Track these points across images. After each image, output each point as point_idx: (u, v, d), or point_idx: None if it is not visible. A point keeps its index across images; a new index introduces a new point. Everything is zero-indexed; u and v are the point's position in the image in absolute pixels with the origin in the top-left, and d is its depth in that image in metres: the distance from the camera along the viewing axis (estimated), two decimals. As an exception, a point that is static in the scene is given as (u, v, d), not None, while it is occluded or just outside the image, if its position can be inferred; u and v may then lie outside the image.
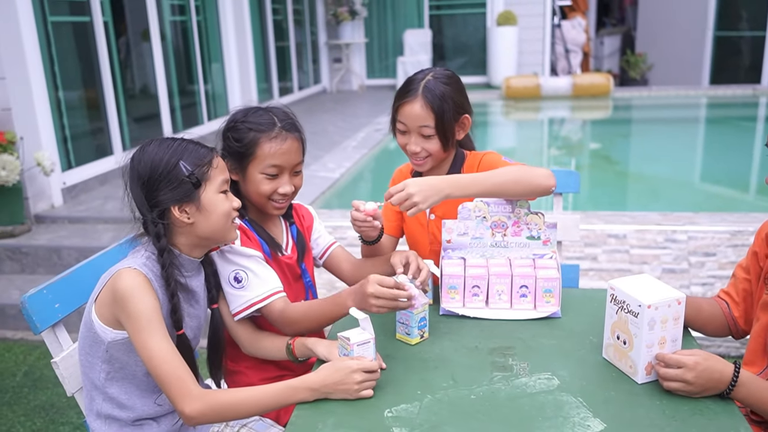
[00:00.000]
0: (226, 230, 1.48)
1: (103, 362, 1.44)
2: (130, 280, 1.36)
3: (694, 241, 3.50)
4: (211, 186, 1.44)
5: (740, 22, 11.10)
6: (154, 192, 1.40)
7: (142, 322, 1.34)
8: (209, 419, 1.34)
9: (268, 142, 1.58)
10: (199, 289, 1.54)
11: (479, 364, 1.43)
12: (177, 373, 1.34)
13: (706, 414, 1.24)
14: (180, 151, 1.42)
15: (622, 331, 1.37)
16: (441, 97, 1.71)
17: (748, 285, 1.57)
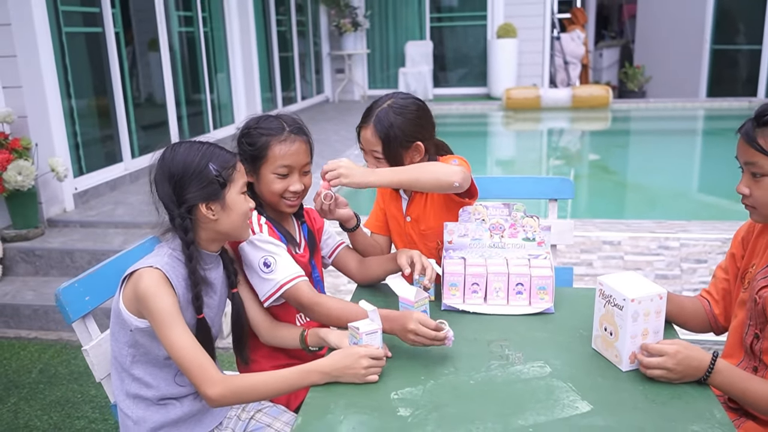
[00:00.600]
0: (243, 228, 1.62)
1: (129, 346, 1.57)
2: (150, 280, 1.48)
3: (687, 248, 3.62)
4: (235, 187, 1.57)
5: (737, 35, 11.27)
6: (185, 189, 1.53)
7: (163, 318, 1.47)
8: (230, 401, 1.46)
9: (278, 145, 1.73)
10: (216, 281, 1.67)
11: (478, 354, 1.56)
12: (198, 361, 1.46)
13: (684, 398, 1.36)
14: (209, 154, 1.55)
15: (608, 323, 1.49)
16: (389, 126, 1.85)
17: (727, 284, 1.69)
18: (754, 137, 1.40)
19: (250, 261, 1.72)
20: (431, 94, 10.87)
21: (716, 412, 1.31)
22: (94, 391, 3.02)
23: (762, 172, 1.40)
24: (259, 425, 1.70)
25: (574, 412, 1.31)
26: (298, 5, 10.11)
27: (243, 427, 1.70)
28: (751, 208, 1.47)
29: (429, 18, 11.28)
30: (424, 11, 11.24)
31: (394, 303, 1.66)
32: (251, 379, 1.49)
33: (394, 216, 2.07)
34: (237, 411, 1.73)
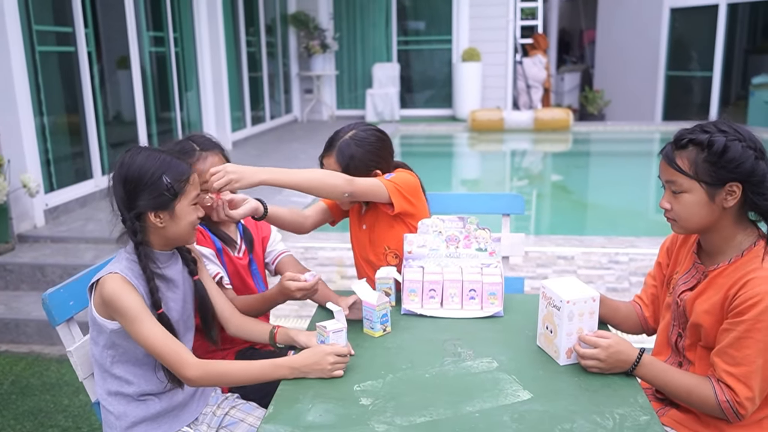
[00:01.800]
0: (189, 236, 1.74)
1: (108, 348, 1.68)
2: (113, 284, 1.60)
3: (635, 262, 3.85)
4: (186, 198, 1.68)
5: (690, 62, 11.80)
6: (136, 197, 1.64)
7: (131, 316, 1.59)
8: (207, 382, 1.61)
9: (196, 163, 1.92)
10: (176, 276, 1.77)
11: (433, 352, 1.72)
12: (172, 348, 1.59)
13: (612, 387, 1.54)
14: (165, 166, 1.65)
15: (549, 322, 1.67)
16: (350, 157, 2.05)
17: (655, 290, 1.89)
18: (673, 158, 1.59)
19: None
20: (398, 115, 11.11)
21: (639, 398, 1.49)
22: (67, 401, 3.09)
23: (681, 189, 1.59)
24: (233, 420, 1.84)
25: (516, 399, 1.48)
26: (268, 27, 10.29)
27: (218, 422, 1.83)
28: (672, 221, 1.66)
29: (396, 41, 11.56)
30: (391, 34, 11.52)
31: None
32: (227, 365, 1.64)
33: (354, 221, 2.25)
34: (212, 407, 1.85)
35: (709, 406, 1.54)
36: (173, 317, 1.74)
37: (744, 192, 1.54)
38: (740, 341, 1.49)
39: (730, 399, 1.51)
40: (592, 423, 1.38)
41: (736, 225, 1.59)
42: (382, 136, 2.12)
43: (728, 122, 1.58)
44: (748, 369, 1.49)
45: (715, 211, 1.56)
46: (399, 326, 1.89)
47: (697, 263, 1.68)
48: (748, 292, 1.49)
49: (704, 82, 11.30)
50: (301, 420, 1.41)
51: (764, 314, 1.46)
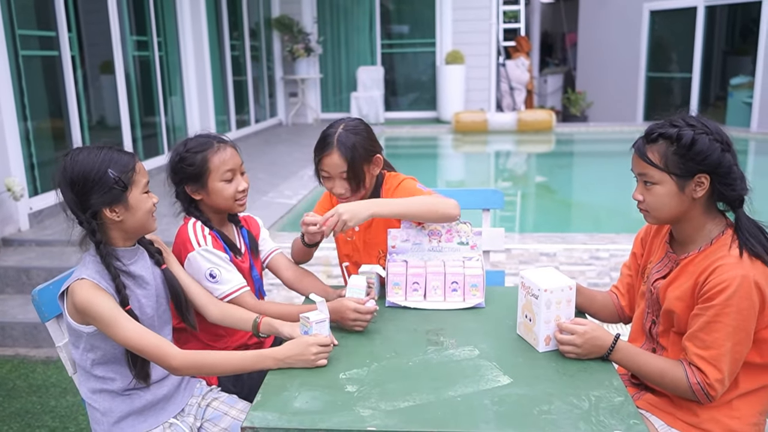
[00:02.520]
0: (149, 224, 1.75)
1: (88, 351, 1.70)
2: (83, 291, 1.61)
3: (615, 258, 3.93)
4: (136, 188, 1.69)
5: (670, 64, 11.98)
6: (87, 196, 1.64)
7: (107, 319, 1.60)
8: (192, 371, 1.65)
9: (215, 155, 1.95)
10: (145, 272, 1.78)
11: (416, 341, 1.77)
12: (153, 342, 1.62)
13: (588, 371, 1.60)
14: (107, 160, 1.65)
15: (528, 310, 1.73)
16: (353, 147, 2.05)
17: (631, 279, 1.95)
18: (645, 152, 1.66)
19: (197, 271, 1.91)
20: (383, 118, 11.18)
21: (614, 381, 1.55)
22: (54, 402, 3.10)
23: (652, 181, 1.66)
24: (217, 413, 1.87)
25: (497, 384, 1.53)
26: (252, 30, 10.32)
27: (202, 414, 1.86)
28: (644, 212, 1.72)
29: (380, 44, 11.63)
30: (375, 38, 11.59)
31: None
32: (212, 354, 1.67)
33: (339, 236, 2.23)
34: (197, 399, 1.88)
35: (681, 389, 1.61)
36: (147, 313, 1.76)
37: (712, 183, 1.60)
38: (710, 325, 1.55)
39: (701, 381, 1.57)
40: (569, 404, 1.44)
41: (705, 215, 1.66)
42: (366, 124, 2.17)
43: (696, 117, 1.65)
44: (717, 352, 1.55)
45: (685, 201, 1.63)
46: (383, 318, 1.93)
47: (669, 252, 1.75)
48: (717, 278, 1.55)
49: (684, 84, 11.48)
50: (288, 407, 1.45)
51: (732, 299, 1.53)
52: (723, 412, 1.62)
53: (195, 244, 1.93)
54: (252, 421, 1.40)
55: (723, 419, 1.62)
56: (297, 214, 5.47)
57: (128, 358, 1.70)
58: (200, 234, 1.93)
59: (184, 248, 1.94)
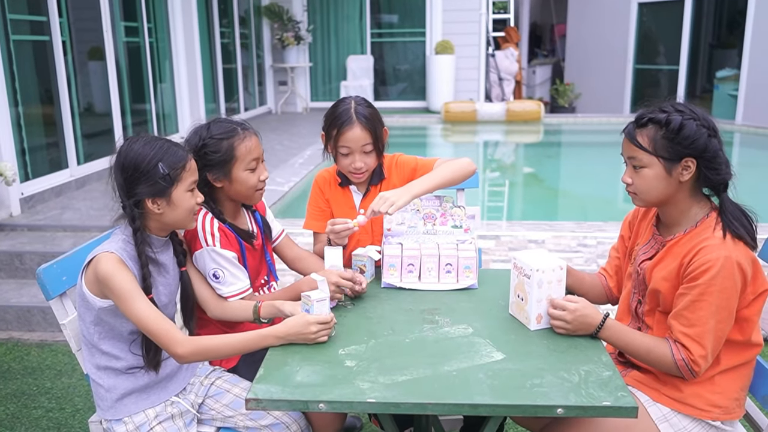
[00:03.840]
0: (187, 221, 1.80)
1: (95, 325, 1.75)
2: (108, 263, 1.66)
3: (602, 245, 4.01)
4: (182, 185, 1.74)
5: (657, 56, 12.09)
6: (134, 184, 1.70)
7: (125, 294, 1.65)
8: (197, 358, 1.69)
9: (241, 144, 1.92)
10: (168, 261, 1.85)
11: (412, 320, 1.82)
12: (163, 326, 1.66)
13: (578, 348, 1.66)
14: (161, 153, 1.70)
15: (520, 290, 1.79)
16: (371, 118, 2.11)
17: (619, 261, 2.02)
18: (634, 135, 1.72)
19: (205, 268, 1.93)
20: (372, 107, 11.18)
21: (603, 357, 1.61)
22: (50, 383, 3.14)
23: (641, 164, 1.72)
24: (220, 390, 1.92)
25: (490, 359, 1.59)
26: (242, 18, 10.29)
27: (204, 392, 1.91)
28: (633, 195, 1.78)
29: (370, 33, 11.64)
30: (365, 27, 11.59)
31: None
32: (215, 339, 1.71)
33: (346, 213, 2.22)
34: (200, 378, 1.93)
35: (666, 365, 1.67)
36: (162, 301, 1.81)
37: (698, 167, 1.66)
38: (694, 304, 1.62)
39: (686, 358, 1.64)
40: (559, 378, 1.50)
41: (691, 198, 1.72)
42: None
43: (685, 103, 1.71)
44: (701, 329, 1.62)
45: (672, 184, 1.69)
46: (379, 298, 1.99)
47: (656, 234, 1.81)
48: (701, 258, 1.62)
49: (671, 76, 11.59)
50: (290, 380, 1.50)
51: (716, 279, 1.59)
52: (706, 387, 1.69)
53: (203, 242, 1.90)
54: (256, 393, 1.44)
55: (706, 394, 1.69)
56: (289, 201, 5.51)
57: (143, 344, 1.75)
58: (209, 231, 1.91)
59: (193, 243, 1.94)
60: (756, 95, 9.97)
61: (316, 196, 2.30)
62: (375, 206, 1.94)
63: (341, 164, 2.16)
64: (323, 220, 2.21)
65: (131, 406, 1.78)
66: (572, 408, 1.39)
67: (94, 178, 5.73)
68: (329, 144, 2.16)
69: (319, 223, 2.26)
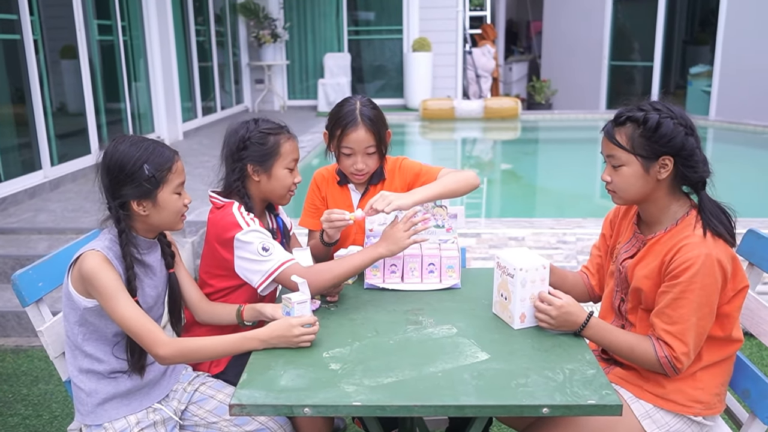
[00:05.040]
0: (174, 223, 1.78)
1: (80, 325, 1.72)
2: (92, 262, 1.64)
3: (582, 242, 4.04)
4: (168, 187, 1.72)
5: (632, 53, 12.21)
6: (119, 186, 1.68)
7: (109, 293, 1.62)
8: (179, 360, 1.66)
9: (287, 142, 1.97)
10: (155, 263, 1.82)
11: (396, 321, 1.82)
12: (147, 326, 1.64)
13: (562, 346, 1.67)
14: (146, 155, 1.68)
15: (504, 289, 1.79)
16: (376, 120, 2.11)
17: (600, 260, 2.03)
18: (613, 134, 1.73)
19: (249, 248, 1.84)
20: (350, 105, 11.13)
21: (587, 355, 1.62)
22: (26, 390, 3.08)
23: (619, 162, 1.73)
24: (203, 396, 1.89)
25: (475, 360, 1.59)
26: (217, 16, 10.18)
27: (188, 398, 1.89)
28: (612, 193, 1.80)
29: (347, 31, 11.59)
30: (342, 24, 11.54)
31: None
32: (198, 341, 1.69)
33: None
34: (183, 384, 1.91)
35: (649, 362, 1.69)
36: (148, 302, 1.78)
37: (676, 165, 1.68)
38: (676, 302, 1.64)
39: (668, 355, 1.65)
40: (544, 377, 1.50)
41: (670, 196, 1.73)
42: None
43: (662, 102, 1.72)
44: (683, 326, 1.63)
45: (650, 182, 1.70)
46: (362, 299, 1.98)
47: (637, 233, 1.82)
48: (682, 257, 1.63)
49: (645, 72, 11.72)
50: (274, 384, 1.49)
51: (696, 276, 1.61)
52: (688, 383, 1.71)
53: (244, 224, 1.87)
54: (239, 399, 1.43)
55: (688, 390, 1.71)
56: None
57: (127, 347, 1.72)
58: (247, 217, 1.90)
59: (230, 230, 1.87)
60: (729, 91, 10.12)
61: (312, 194, 2.31)
62: (375, 204, 1.94)
63: (343, 164, 2.17)
64: (318, 218, 2.19)
65: (112, 411, 1.75)
66: (558, 407, 1.40)
67: (69, 179, 5.63)
68: (332, 143, 2.16)
69: (314, 221, 2.26)
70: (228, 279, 1.97)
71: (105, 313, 1.67)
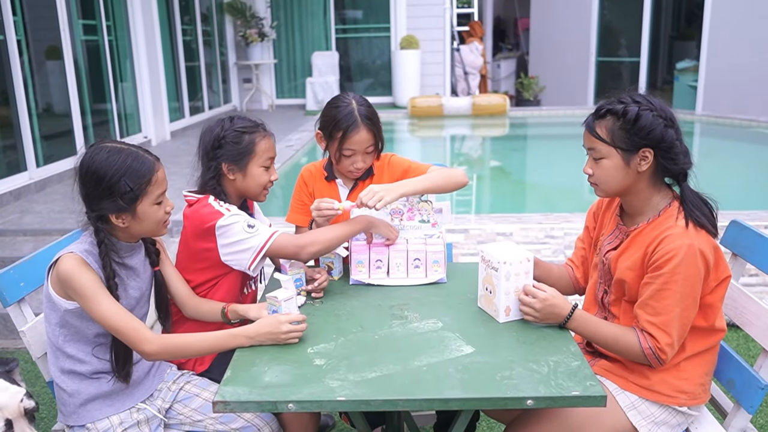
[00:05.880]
0: (156, 231, 1.77)
1: (60, 327, 1.70)
2: (69, 264, 1.62)
3: (569, 236, 4.05)
4: (148, 199, 1.68)
5: (619, 49, 12.26)
6: (96, 200, 1.65)
7: (88, 293, 1.61)
8: (166, 356, 1.66)
9: (262, 140, 1.96)
10: (138, 264, 1.81)
11: (381, 316, 1.82)
12: (130, 324, 1.63)
13: (547, 339, 1.67)
14: (124, 168, 1.63)
15: (488, 283, 1.79)
16: (374, 119, 2.11)
17: (584, 252, 2.03)
18: (593, 127, 1.73)
19: (234, 230, 1.84)
20: (339, 103, 11.11)
21: (571, 347, 1.62)
22: None
23: (600, 155, 1.73)
24: (188, 395, 1.88)
25: (460, 353, 1.59)
26: (204, 15, 10.13)
27: (173, 397, 1.87)
28: (594, 185, 1.80)
29: (334, 29, 11.57)
30: (330, 23, 11.52)
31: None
32: (183, 337, 1.68)
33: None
34: (168, 383, 1.89)
35: (633, 354, 1.69)
36: (131, 303, 1.77)
37: (656, 157, 1.68)
38: (659, 293, 1.64)
39: (653, 346, 1.66)
40: (529, 370, 1.50)
41: (651, 188, 1.74)
42: None
43: (643, 94, 1.73)
44: (667, 318, 1.64)
45: (631, 174, 1.71)
46: (348, 295, 1.98)
47: (620, 225, 1.83)
48: (665, 248, 1.64)
49: (633, 68, 11.77)
50: (258, 381, 1.48)
51: (679, 267, 1.62)
52: (672, 374, 1.72)
53: (223, 211, 1.88)
54: (223, 396, 1.42)
55: (672, 381, 1.71)
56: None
57: (111, 351, 1.71)
58: (224, 205, 1.91)
59: (209, 219, 1.86)
60: (715, 86, 10.18)
61: (299, 190, 2.30)
62: (364, 197, 1.94)
63: (342, 164, 2.15)
64: (306, 214, 2.21)
65: (95, 412, 1.74)
66: (542, 399, 1.40)
67: (55, 181, 5.59)
68: (331, 145, 2.14)
69: (301, 217, 2.26)
70: (206, 272, 1.96)
71: (86, 315, 1.65)
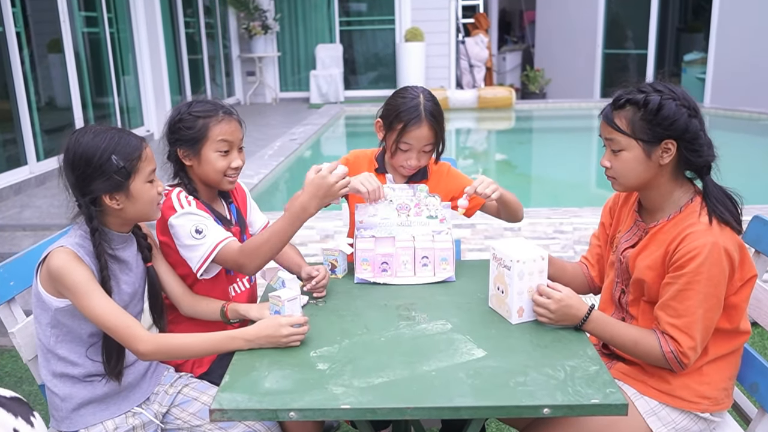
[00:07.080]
0: (151, 212, 1.69)
1: (52, 327, 1.63)
2: (60, 259, 1.55)
3: (579, 231, 3.96)
4: (140, 176, 1.62)
5: (626, 41, 12.13)
6: (87, 182, 1.58)
7: (80, 290, 1.53)
8: (160, 356, 1.58)
9: (218, 125, 1.83)
10: (131, 258, 1.73)
11: (388, 317, 1.73)
12: (125, 322, 1.55)
13: (563, 342, 1.58)
14: (113, 145, 1.58)
15: (500, 282, 1.71)
16: (439, 117, 2.02)
17: (600, 250, 1.94)
18: (612, 118, 1.64)
19: (181, 233, 1.77)
20: (342, 97, 11.04)
21: (588, 350, 1.54)
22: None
23: (619, 147, 1.64)
24: (186, 399, 1.80)
25: (471, 357, 1.51)
26: (206, 7, 10.04)
27: (170, 401, 1.80)
28: (612, 179, 1.71)
29: (338, 22, 11.46)
30: (333, 15, 11.41)
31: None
32: (180, 337, 1.60)
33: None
34: (165, 386, 1.82)
35: (653, 357, 1.61)
36: (125, 300, 1.70)
37: (679, 149, 1.59)
38: (682, 293, 1.55)
39: (675, 350, 1.57)
40: (544, 375, 1.42)
41: (673, 182, 1.65)
42: None
43: (663, 83, 1.63)
44: (689, 320, 1.55)
45: (652, 168, 1.62)
46: (353, 294, 1.89)
47: (638, 221, 1.74)
48: (687, 246, 1.55)
49: (639, 60, 11.63)
50: (258, 387, 1.40)
51: (703, 266, 1.53)
52: (694, 378, 1.63)
53: (178, 206, 1.79)
54: (221, 403, 1.34)
55: (694, 385, 1.63)
56: (259, 194, 5.36)
57: (103, 350, 1.63)
58: (184, 200, 1.81)
59: (166, 214, 1.79)
60: (723, 78, 10.04)
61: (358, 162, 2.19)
62: (480, 187, 1.90)
63: (396, 158, 2.06)
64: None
65: (88, 417, 1.67)
66: (559, 407, 1.32)
67: (55, 175, 5.46)
68: (389, 135, 2.04)
69: None
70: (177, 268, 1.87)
71: (78, 313, 1.58)
